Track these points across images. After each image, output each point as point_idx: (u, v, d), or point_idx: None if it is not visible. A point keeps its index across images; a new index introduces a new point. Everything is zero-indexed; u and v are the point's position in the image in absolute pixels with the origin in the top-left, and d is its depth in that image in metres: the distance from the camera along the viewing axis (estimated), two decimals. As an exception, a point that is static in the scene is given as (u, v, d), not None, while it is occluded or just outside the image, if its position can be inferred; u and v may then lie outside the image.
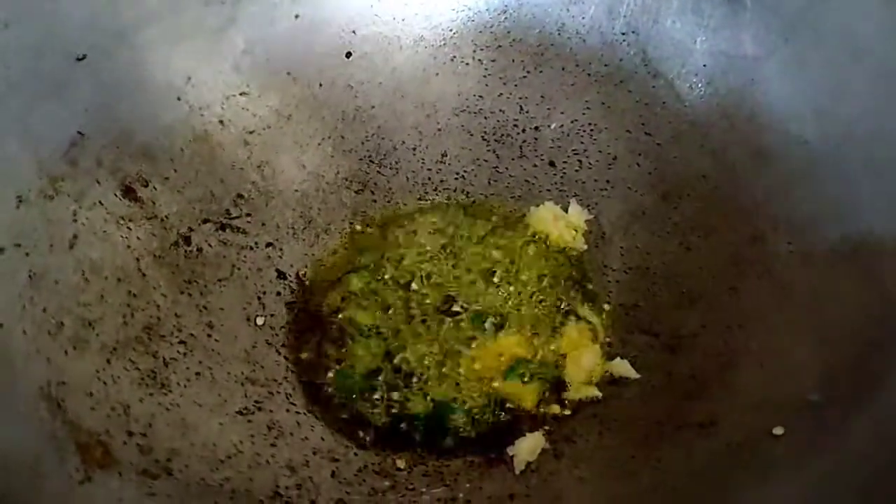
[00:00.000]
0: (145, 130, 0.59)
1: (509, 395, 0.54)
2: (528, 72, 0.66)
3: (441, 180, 0.65)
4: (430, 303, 0.58)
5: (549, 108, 0.66)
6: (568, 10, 0.66)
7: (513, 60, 0.67)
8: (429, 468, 0.51)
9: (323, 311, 0.58)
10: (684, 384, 0.52)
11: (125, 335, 0.52)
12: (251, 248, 0.60)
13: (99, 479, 0.45)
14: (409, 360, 0.55)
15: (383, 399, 0.54)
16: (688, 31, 0.62)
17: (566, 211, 0.62)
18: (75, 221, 0.54)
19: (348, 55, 0.66)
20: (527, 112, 0.66)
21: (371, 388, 0.54)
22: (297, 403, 0.54)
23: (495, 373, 0.54)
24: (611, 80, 0.65)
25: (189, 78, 0.61)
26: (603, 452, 0.51)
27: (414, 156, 0.66)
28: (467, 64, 0.67)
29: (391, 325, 0.57)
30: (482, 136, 0.66)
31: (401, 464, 0.51)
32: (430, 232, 0.62)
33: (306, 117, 0.64)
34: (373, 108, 0.66)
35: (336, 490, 0.49)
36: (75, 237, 0.54)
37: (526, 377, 0.54)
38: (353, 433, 0.53)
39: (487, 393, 0.54)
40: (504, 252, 0.60)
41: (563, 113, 0.65)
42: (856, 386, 0.46)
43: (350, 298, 0.59)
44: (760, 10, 0.59)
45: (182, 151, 0.60)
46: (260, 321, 0.58)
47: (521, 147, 0.66)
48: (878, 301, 0.49)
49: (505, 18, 0.67)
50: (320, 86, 0.65)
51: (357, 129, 0.65)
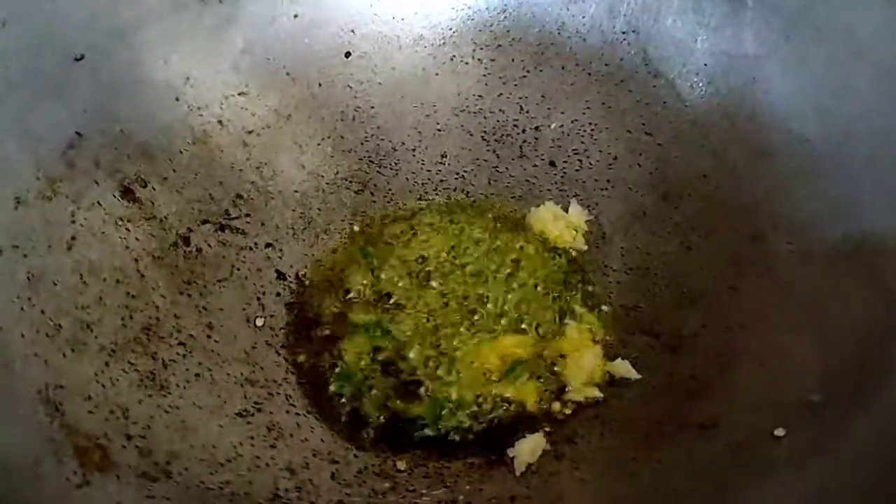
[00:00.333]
0: (144, 131, 0.58)
1: (509, 396, 0.54)
2: (528, 71, 0.66)
3: (441, 180, 0.65)
4: (429, 303, 0.58)
5: (549, 108, 0.65)
6: (568, 9, 0.65)
7: (513, 60, 0.66)
8: (429, 469, 0.51)
9: (323, 312, 0.58)
10: (685, 384, 0.52)
11: (124, 337, 0.52)
12: (250, 249, 0.60)
13: (97, 482, 0.45)
14: (409, 361, 0.55)
15: (383, 400, 0.54)
16: (689, 31, 0.62)
17: (566, 211, 0.62)
18: (73, 222, 0.54)
19: (347, 55, 0.66)
20: (527, 112, 0.66)
21: (371, 389, 0.54)
22: (297, 405, 0.54)
23: (495, 373, 0.54)
24: (611, 79, 0.64)
25: (188, 78, 0.61)
26: (604, 453, 0.50)
27: (414, 156, 0.66)
28: (467, 63, 0.67)
29: (391, 325, 0.57)
30: (482, 136, 0.66)
31: (401, 465, 0.51)
32: (430, 232, 0.62)
33: (305, 117, 0.64)
34: (372, 107, 0.66)
35: (336, 492, 0.49)
36: (73, 238, 0.53)
37: (526, 378, 0.54)
38: (353, 434, 0.53)
39: (487, 394, 0.54)
40: (504, 252, 0.60)
41: (563, 113, 0.65)
42: (857, 386, 0.46)
43: (350, 299, 0.58)
44: (761, 9, 0.59)
45: (181, 152, 0.60)
46: (259, 322, 0.57)
47: (521, 147, 0.65)
48: (880, 300, 0.49)
49: (504, 17, 0.67)
50: (319, 85, 0.65)
51: (356, 129, 0.65)
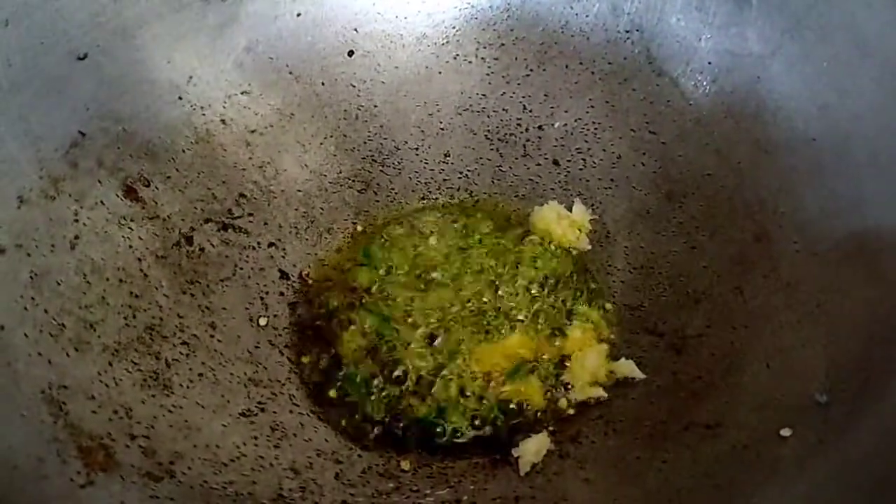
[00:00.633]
0: (147, 130, 0.58)
1: (514, 396, 0.53)
2: (532, 70, 0.66)
3: (444, 179, 0.65)
4: (434, 303, 0.58)
5: (552, 107, 0.65)
6: (572, 8, 0.65)
7: (516, 58, 0.66)
8: (433, 469, 0.51)
9: (326, 312, 0.58)
10: (690, 384, 0.52)
11: (127, 336, 0.52)
12: (253, 248, 0.60)
13: (101, 482, 0.45)
14: (413, 361, 0.55)
15: (387, 400, 0.54)
16: (692, 29, 0.62)
17: (570, 210, 0.61)
18: (77, 222, 0.54)
19: (350, 53, 0.66)
20: (530, 111, 0.66)
21: (375, 389, 0.54)
22: (301, 405, 0.54)
23: (500, 374, 0.54)
24: (615, 78, 0.64)
25: (190, 77, 0.61)
26: (608, 453, 0.50)
27: (417, 155, 0.66)
28: (470, 62, 0.67)
29: (396, 325, 0.57)
30: (485, 135, 0.66)
31: (405, 465, 0.51)
32: (433, 231, 0.62)
33: (308, 116, 0.64)
34: (375, 106, 0.66)
35: (340, 492, 0.49)
36: (77, 238, 0.53)
37: (530, 378, 0.54)
38: (356, 435, 0.53)
39: (492, 394, 0.53)
40: (507, 252, 0.60)
41: (566, 111, 0.65)
42: (862, 385, 0.46)
43: (353, 298, 0.58)
44: (765, 7, 0.59)
45: (184, 151, 0.60)
46: (263, 322, 0.57)
47: (524, 146, 0.65)
48: (885, 298, 0.48)
49: (508, 16, 0.67)
50: (322, 84, 0.65)
51: (359, 128, 0.65)
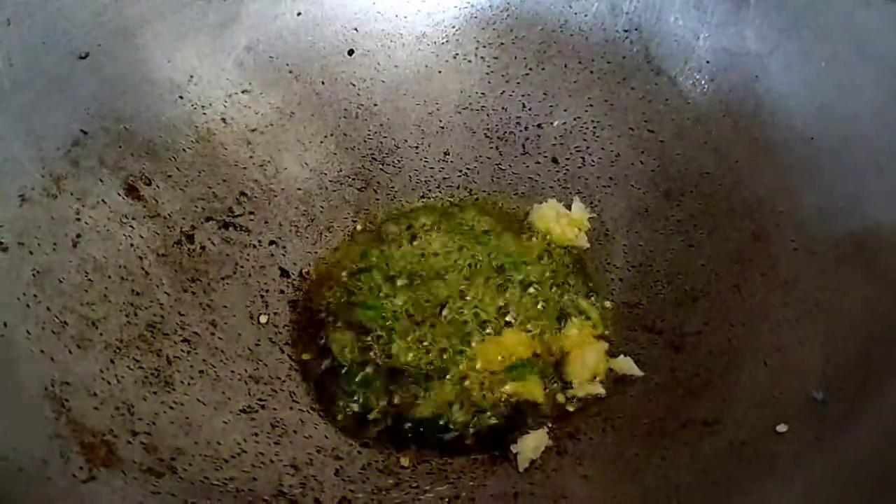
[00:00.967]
0: (148, 129, 0.59)
1: (512, 394, 0.54)
2: (531, 69, 0.66)
3: (444, 178, 0.65)
4: (433, 301, 0.58)
5: (551, 106, 0.65)
6: (571, 7, 0.66)
7: (515, 57, 0.67)
8: (432, 466, 0.51)
9: (326, 309, 0.58)
10: (688, 382, 0.52)
11: (129, 334, 0.52)
12: (254, 246, 0.60)
13: (103, 478, 0.45)
14: (413, 358, 0.55)
15: (387, 397, 0.54)
16: (691, 28, 0.62)
17: (569, 208, 0.62)
18: (78, 220, 0.54)
19: (350, 52, 0.66)
20: (529, 109, 0.66)
21: (374, 386, 0.54)
22: (301, 401, 0.54)
23: (498, 371, 0.54)
24: (614, 77, 0.65)
25: (191, 76, 0.61)
26: (606, 450, 0.51)
27: (416, 153, 0.66)
28: (470, 61, 0.67)
29: (395, 323, 0.57)
30: (485, 134, 0.66)
31: (405, 462, 0.51)
32: (432, 230, 0.62)
33: (308, 115, 0.64)
34: (375, 105, 0.66)
35: (340, 488, 0.49)
36: (78, 236, 0.54)
37: (529, 375, 0.54)
38: (356, 431, 0.53)
39: (490, 391, 0.54)
40: (507, 250, 0.60)
41: (565, 110, 0.65)
42: (860, 383, 0.46)
43: (353, 297, 0.59)
44: (764, 7, 0.59)
45: (184, 150, 0.60)
46: (263, 319, 0.58)
47: (523, 144, 0.65)
48: (884, 298, 0.49)
49: (507, 15, 0.67)
50: (322, 83, 0.65)
51: (359, 127, 0.65)
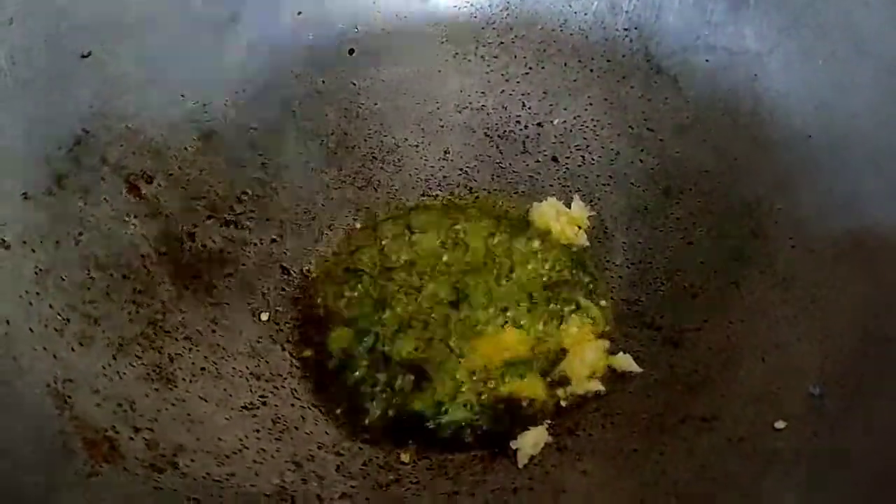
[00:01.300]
0: (149, 127, 0.59)
1: (512, 391, 0.54)
2: (531, 68, 0.66)
3: (444, 176, 0.66)
4: (433, 298, 0.58)
5: (551, 105, 0.66)
6: (570, 6, 0.66)
7: (515, 56, 0.67)
8: (433, 462, 0.51)
9: (327, 307, 0.59)
10: (687, 378, 0.52)
11: (131, 331, 0.53)
12: (255, 245, 0.60)
13: (105, 473, 0.45)
14: (413, 355, 0.55)
15: (387, 394, 0.54)
16: (690, 27, 0.62)
17: (569, 206, 0.62)
18: (80, 218, 0.54)
19: (350, 52, 0.66)
20: (529, 108, 0.66)
21: (375, 383, 0.55)
22: (302, 398, 0.54)
23: (498, 368, 0.55)
24: (613, 75, 0.65)
25: (193, 75, 0.61)
26: (606, 446, 0.51)
27: (416, 152, 0.66)
28: (469, 60, 0.67)
29: (395, 320, 0.57)
30: (485, 133, 0.66)
31: (405, 458, 0.52)
32: (433, 228, 0.62)
33: (309, 114, 0.65)
34: (375, 104, 0.66)
35: (341, 484, 0.50)
36: (81, 234, 0.54)
37: (528, 372, 0.54)
38: (357, 428, 0.53)
39: (490, 388, 0.54)
40: (507, 248, 0.60)
41: (565, 109, 0.65)
42: (857, 379, 0.47)
43: (354, 294, 0.59)
44: (763, 6, 0.59)
45: (186, 148, 0.60)
46: (264, 317, 0.58)
47: (523, 143, 0.66)
48: (881, 295, 0.49)
49: (507, 14, 0.67)
50: (323, 82, 0.65)
51: (360, 126, 0.66)
